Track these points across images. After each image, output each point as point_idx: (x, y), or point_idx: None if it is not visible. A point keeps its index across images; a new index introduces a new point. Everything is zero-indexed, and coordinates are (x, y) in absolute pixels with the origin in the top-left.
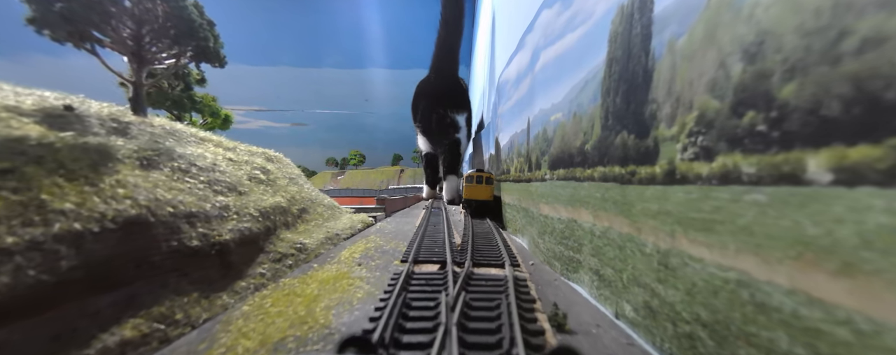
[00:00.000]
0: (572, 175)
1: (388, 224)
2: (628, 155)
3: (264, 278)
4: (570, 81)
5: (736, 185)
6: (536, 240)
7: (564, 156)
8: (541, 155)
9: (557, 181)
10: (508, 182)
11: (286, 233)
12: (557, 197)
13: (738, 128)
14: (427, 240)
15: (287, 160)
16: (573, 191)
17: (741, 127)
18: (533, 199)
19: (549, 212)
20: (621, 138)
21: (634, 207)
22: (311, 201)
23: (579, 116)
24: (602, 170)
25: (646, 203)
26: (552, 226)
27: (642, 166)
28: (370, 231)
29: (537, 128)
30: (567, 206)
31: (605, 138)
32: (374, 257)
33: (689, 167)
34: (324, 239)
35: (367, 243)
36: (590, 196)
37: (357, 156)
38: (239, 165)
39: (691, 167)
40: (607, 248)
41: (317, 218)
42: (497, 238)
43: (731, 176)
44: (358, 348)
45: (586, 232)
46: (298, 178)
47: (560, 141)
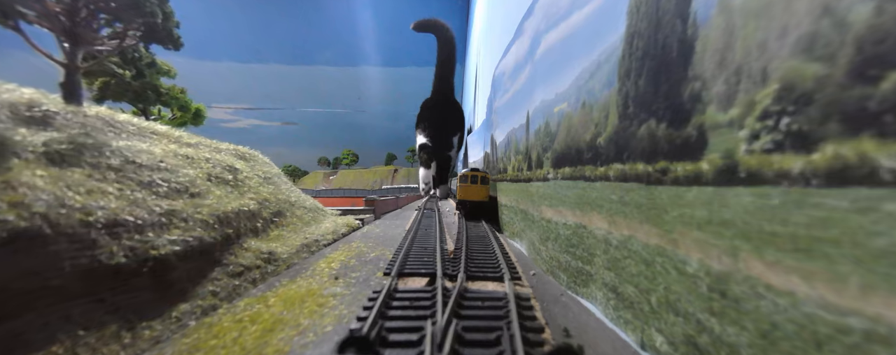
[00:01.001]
0: (581, 174)
1: (375, 227)
2: (658, 148)
3: (217, 298)
4: (577, 66)
5: (863, 188)
6: (537, 247)
7: (571, 152)
8: (542, 151)
9: (562, 181)
10: (505, 182)
11: (253, 242)
12: (562, 199)
13: (870, 99)
14: (416, 247)
15: (263, 158)
16: (582, 193)
17: (876, 97)
18: (533, 201)
19: (553, 215)
20: (647, 128)
21: (667, 214)
22: (290, 203)
23: (590, 105)
24: (620, 168)
25: (686, 208)
26: (556, 232)
27: (679, 162)
28: (355, 235)
29: (538, 122)
30: (574, 210)
31: (625, 129)
32: (355, 268)
33: (764, 161)
34: (300, 246)
35: (349, 250)
36: (603, 198)
37: (350, 156)
38: (196, 163)
39: (768, 161)
40: (628, 262)
41: (295, 222)
42: (493, 243)
43: (853, 173)
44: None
45: (599, 240)
46: (275, 178)
47: (566, 135)
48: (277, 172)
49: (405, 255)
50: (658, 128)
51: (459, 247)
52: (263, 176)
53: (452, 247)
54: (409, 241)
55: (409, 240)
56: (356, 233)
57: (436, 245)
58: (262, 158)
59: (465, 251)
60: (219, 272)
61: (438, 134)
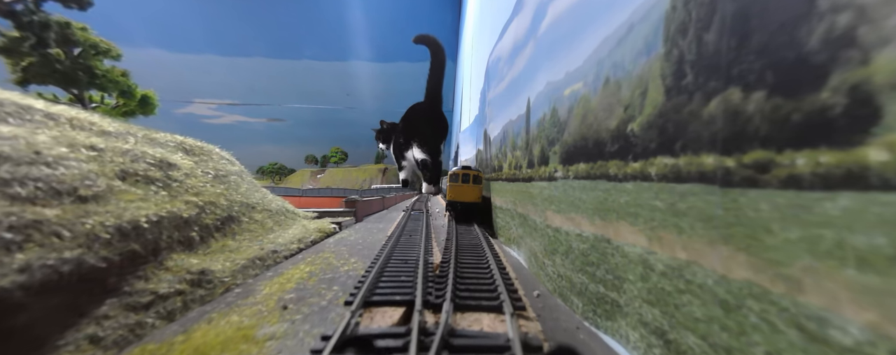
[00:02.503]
0: (602, 171)
1: (354, 232)
2: (746, 131)
3: (99, 347)
4: (596, 35)
5: None
6: (541, 259)
7: (588, 144)
8: (548, 145)
9: (575, 181)
10: (500, 181)
11: (181, 258)
12: (575, 203)
13: None
14: (396, 259)
15: (222, 154)
16: (604, 196)
17: None
18: (534, 204)
19: (562, 223)
20: (723, 103)
21: (771, 234)
22: (248, 206)
23: (616, 82)
24: (668, 164)
25: (818, 229)
26: (567, 245)
27: (801, 151)
28: (328, 243)
29: (541, 110)
30: (593, 218)
31: (677, 108)
32: (314, 291)
33: None
34: (250, 260)
35: (314, 264)
36: (639, 204)
37: (338, 154)
38: (105, 156)
39: None
40: (686, 299)
41: (253, 228)
42: (487, 253)
43: None
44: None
45: (634, 262)
46: (232, 177)
47: (580, 123)
48: (237, 170)
49: (380, 271)
50: (748, 99)
51: (447, 259)
52: (215, 173)
53: (439, 259)
54: (388, 251)
55: (389, 248)
56: (329, 239)
57: (419, 256)
58: (220, 153)
59: (454, 264)
60: (112, 306)
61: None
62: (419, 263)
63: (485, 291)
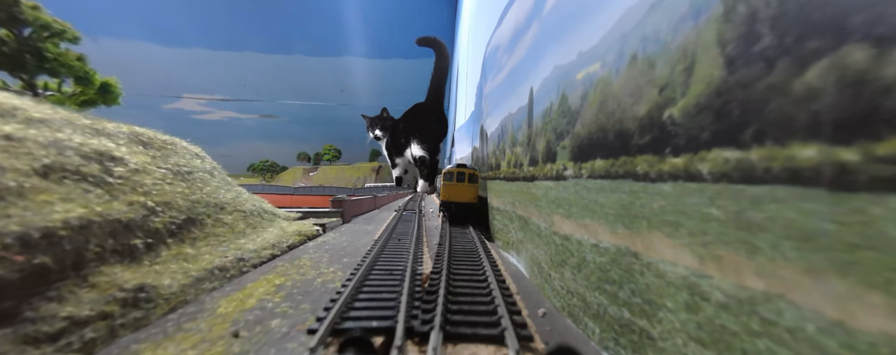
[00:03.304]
0: (627, 168)
1: (339, 235)
2: (880, 107)
3: None
4: (619, 4)
5: None
6: (546, 271)
7: (606, 135)
8: (555, 138)
9: (590, 180)
10: (498, 180)
11: (116, 270)
12: (591, 207)
13: None
14: (379, 269)
15: (190, 148)
16: (629, 199)
17: None
18: (538, 207)
19: (574, 231)
20: (831, 69)
21: None
22: (216, 207)
23: (646, 59)
24: (731, 158)
25: None
26: (580, 256)
27: None
28: (307, 247)
29: (547, 99)
30: (615, 225)
31: (745, 83)
32: (278, 310)
33: None
34: (209, 271)
35: (286, 274)
36: (683, 211)
37: (332, 151)
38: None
39: None
40: (763, 344)
41: (220, 232)
42: (484, 262)
43: None
44: (358, 348)
45: (674, 285)
46: (198, 173)
47: (597, 111)
48: (207, 166)
49: (359, 285)
50: (885, 59)
51: (439, 269)
52: (176, 170)
53: (429, 269)
54: (373, 258)
55: (374, 255)
56: (310, 243)
57: (407, 264)
58: (186, 147)
59: (447, 275)
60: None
61: (433, 143)
62: (406, 274)
63: (482, 313)
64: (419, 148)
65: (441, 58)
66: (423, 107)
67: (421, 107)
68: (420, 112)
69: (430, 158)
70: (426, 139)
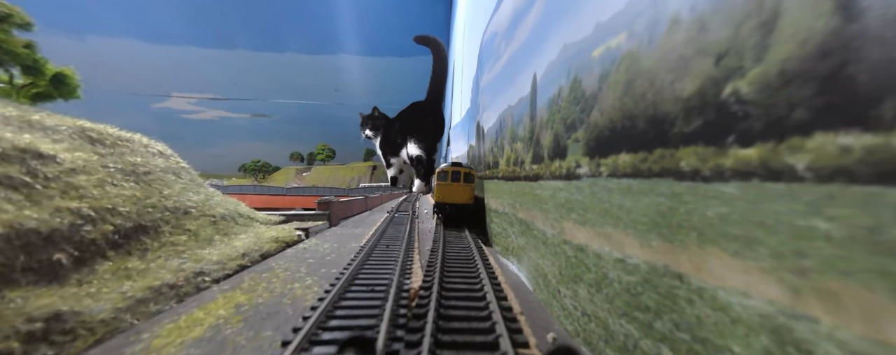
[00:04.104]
0: (665, 164)
1: (322, 241)
2: None
3: None
4: None
5: None
6: (553, 285)
7: (635, 123)
8: (564, 130)
9: (613, 179)
10: (495, 180)
11: (22, 294)
12: (613, 212)
13: None
14: (361, 283)
15: (149, 143)
16: (669, 204)
17: None
18: (544, 210)
19: (591, 241)
20: None
21: None
22: (178, 211)
23: (695, 20)
24: (859, 145)
25: None
26: (599, 273)
27: None
28: (285, 255)
29: (556, 85)
30: (648, 237)
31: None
32: (228, 342)
33: None
34: (156, 290)
35: (251, 290)
36: (759, 222)
37: (325, 151)
38: None
39: None
40: None
41: (180, 241)
42: (482, 272)
43: None
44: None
45: (744, 323)
46: (157, 173)
47: (621, 93)
48: (171, 165)
49: (333, 305)
50: None
51: (430, 283)
52: (130, 169)
53: (418, 282)
54: (356, 268)
55: (357, 264)
56: (288, 251)
57: (394, 277)
58: (147, 144)
59: (438, 291)
60: None
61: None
62: (391, 291)
63: (480, 347)
64: (416, 147)
65: (439, 57)
66: (421, 106)
67: (418, 106)
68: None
69: (427, 158)
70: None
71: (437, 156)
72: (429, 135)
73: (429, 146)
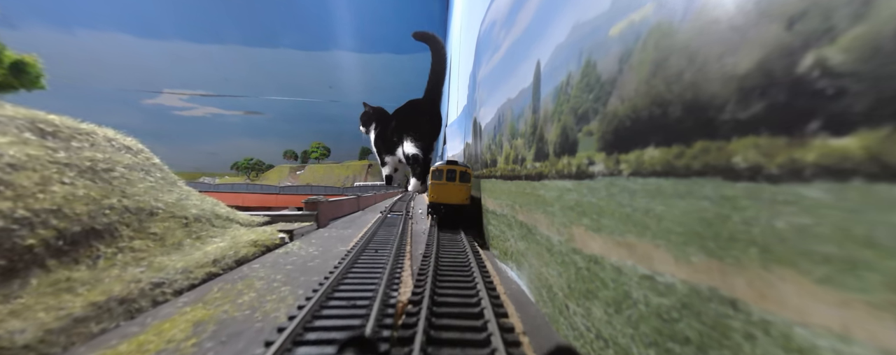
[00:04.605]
0: (712, 160)
1: (307, 244)
2: None
3: None
4: None
5: None
6: (561, 300)
7: (667, 110)
8: (574, 122)
9: (637, 179)
10: (493, 179)
11: None
12: (637, 218)
13: None
14: (341, 295)
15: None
16: (717, 211)
17: None
18: (548, 213)
19: (609, 251)
20: None
21: None
22: (142, 213)
23: None
24: None
25: None
26: (621, 290)
27: None
28: (264, 260)
29: (564, 71)
30: (686, 251)
31: None
32: None
33: None
34: (101, 306)
35: (216, 304)
36: (863, 238)
37: (320, 149)
38: None
39: None
40: None
41: (141, 246)
42: (479, 283)
43: None
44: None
45: None
46: (120, 169)
47: (649, 75)
48: (140, 162)
49: (304, 324)
50: None
51: (420, 295)
52: (86, 166)
53: (407, 294)
54: (338, 277)
55: (340, 272)
56: (268, 256)
57: (380, 286)
58: (111, 137)
59: (429, 304)
60: None
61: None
62: (374, 307)
63: None
64: (412, 145)
65: (437, 54)
66: (418, 103)
67: (415, 103)
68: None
69: (424, 157)
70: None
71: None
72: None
73: (425, 145)
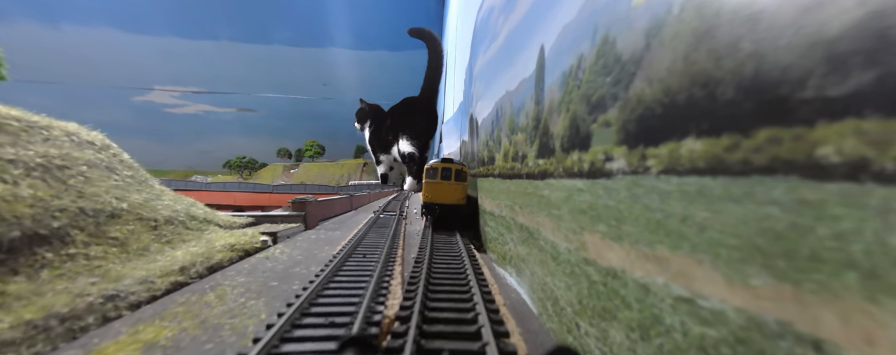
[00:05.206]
0: (782, 154)
1: (291, 248)
2: None
3: None
4: None
5: None
6: (570, 317)
7: (718, 92)
8: (587, 111)
9: (670, 177)
10: (491, 178)
11: None
12: (671, 226)
13: None
14: (319, 311)
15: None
16: (789, 220)
17: None
18: (554, 217)
19: (631, 265)
20: None
21: None
22: (102, 215)
23: None
24: None
25: None
26: (648, 312)
27: None
28: (239, 268)
29: (572, 55)
30: (743, 271)
31: None
32: None
33: None
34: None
35: (176, 320)
36: None
37: (314, 147)
38: None
39: None
40: None
41: (98, 253)
42: (476, 291)
43: None
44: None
45: None
46: (78, 166)
47: (687, 49)
48: (104, 160)
49: (270, 350)
50: None
51: (410, 307)
52: (39, 163)
53: (395, 306)
54: (317, 287)
55: (321, 281)
56: (246, 261)
57: (364, 300)
58: (73, 133)
59: (418, 322)
60: None
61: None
62: (355, 324)
63: None
64: (408, 144)
65: (434, 51)
66: (414, 101)
67: (411, 101)
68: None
69: (420, 155)
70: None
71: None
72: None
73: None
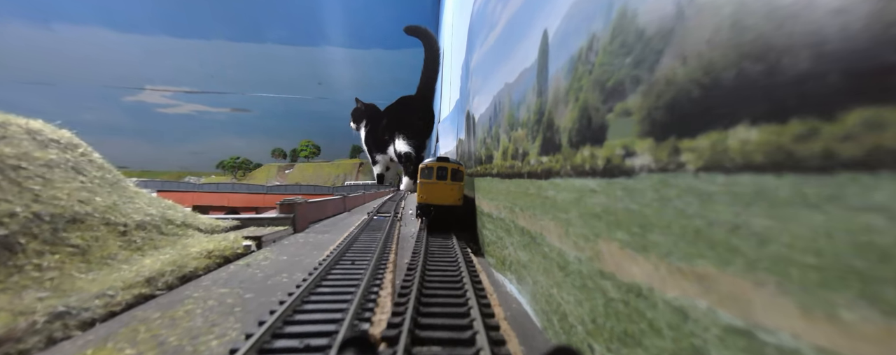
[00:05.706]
0: (884, 144)
1: (276, 253)
2: None
3: None
4: None
5: None
6: (581, 335)
7: (778, 68)
8: (602, 100)
9: (714, 175)
10: (488, 177)
11: None
12: (719, 238)
13: None
14: (294, 330)
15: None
16: None
17: None
18: (560, 220)
19: (660, 282)
20: None
21: None
22: (62, 221)
23: None
24: None
25: None
26: (688, 343)
27: None
28: (215, 278)
29: (582, 37)
30: (823, 299)
31: None
32: None
33: None
34: None
35: (129, 345)
36: None
37: (309, 147)
38: None
39: None
40: None
41: (53, 263)
42: (473, 303)
43: None
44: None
45: None
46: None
47: (733, 17)
48: (70, 160)
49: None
50: None
51: (400, 323)
52: None
53: (383, 322)
54: (296, 300)
55: (301, 293)
56: (225, 269)
57: (347, 316)
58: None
59: (407, 342)
60: None
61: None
62: (334, 346)
63: None
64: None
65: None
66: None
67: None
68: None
69: (416, 155)
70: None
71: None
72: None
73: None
